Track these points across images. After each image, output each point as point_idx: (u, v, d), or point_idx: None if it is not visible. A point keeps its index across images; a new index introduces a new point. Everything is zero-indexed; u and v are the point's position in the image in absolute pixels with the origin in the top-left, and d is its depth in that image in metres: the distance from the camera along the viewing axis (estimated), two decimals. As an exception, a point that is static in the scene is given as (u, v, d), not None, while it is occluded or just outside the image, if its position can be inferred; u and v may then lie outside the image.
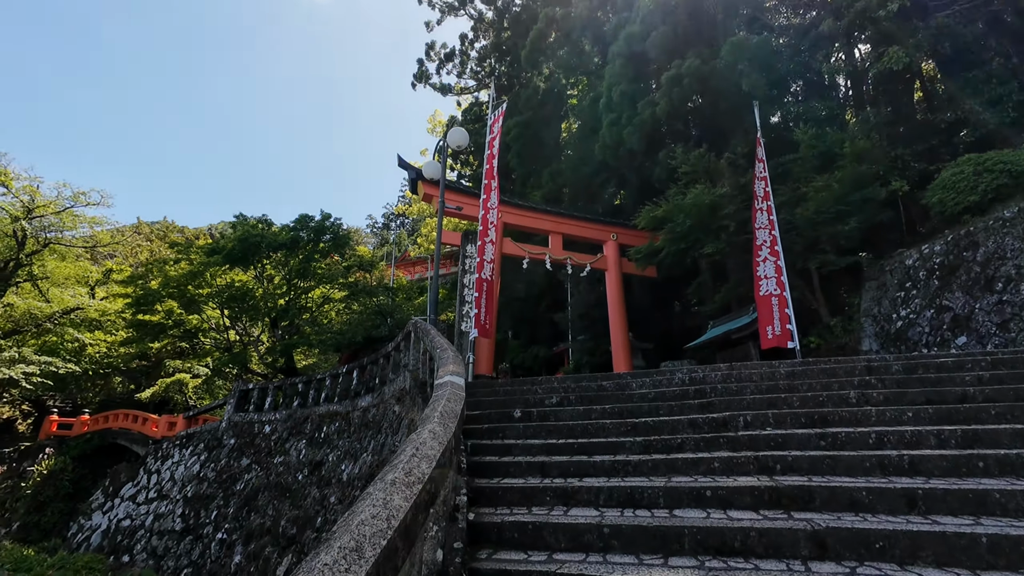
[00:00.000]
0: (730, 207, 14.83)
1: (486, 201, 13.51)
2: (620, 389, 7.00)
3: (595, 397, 6.86)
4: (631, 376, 7.66)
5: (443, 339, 7.46)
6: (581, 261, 19.87)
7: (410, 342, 9.13)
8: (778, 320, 13.48)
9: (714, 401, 6.02)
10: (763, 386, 6.39)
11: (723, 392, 6.40)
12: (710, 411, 5.87)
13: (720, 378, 6.97)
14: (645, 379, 7.21)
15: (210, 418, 16.92)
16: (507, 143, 29.20)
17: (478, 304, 12.31)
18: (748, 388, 6.38)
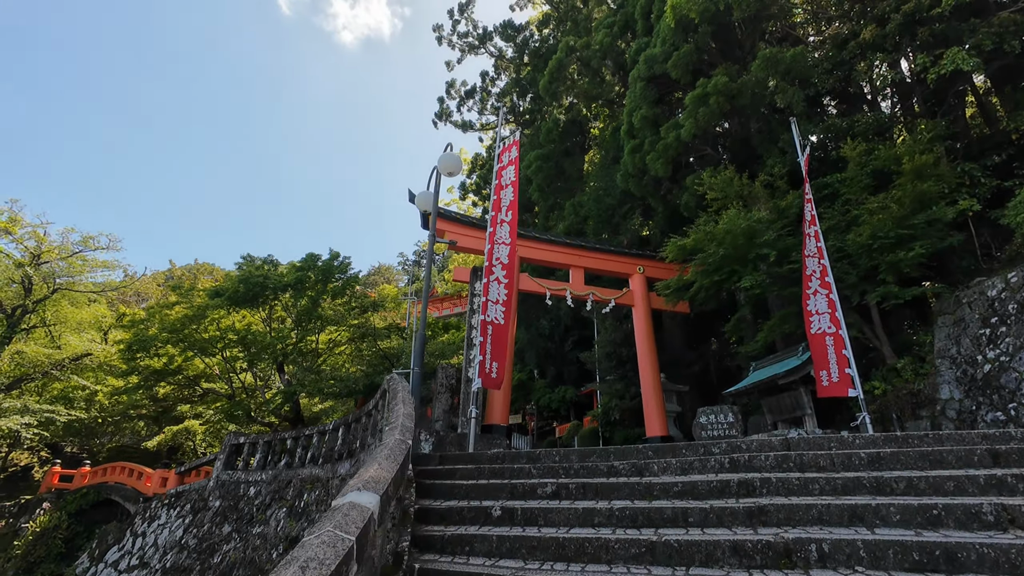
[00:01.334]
0: (769, 233, 12.86)
1: (492, 235, 12.01)
2: (636, 474, 5.20)
3: (602, 488, 5.06)
4: (652, 454, 5.78)
5: (402, 406, 5.86)
6: (605, 296, 18.05)
7: (385, 401, 7.54)
8: (835, 363, 11.28)
9: (767, 506, 4.13)
10: (837, 482, 4.43)
11: (779, 488, 4.50)
12: (762, 523, 4.00)
13: (774, 462, 5.06)
14: (670, 460, 5.37)
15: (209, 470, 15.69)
16: (527, 176, 28.08)
17: (483, 350, 10.66)
18: (816, 483, 4.45)
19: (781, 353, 14.04)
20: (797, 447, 5.12)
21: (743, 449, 5.27)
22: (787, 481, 4.53)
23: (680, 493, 4.74)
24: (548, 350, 30.02)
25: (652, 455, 5.57)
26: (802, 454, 5.01)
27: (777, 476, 4.64)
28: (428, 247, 8.16)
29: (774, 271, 13.23)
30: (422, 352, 7.60)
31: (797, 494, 4.40)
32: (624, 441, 21.05)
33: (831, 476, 4.54)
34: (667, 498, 4.71)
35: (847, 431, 12.47)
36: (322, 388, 14.73)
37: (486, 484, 5.63)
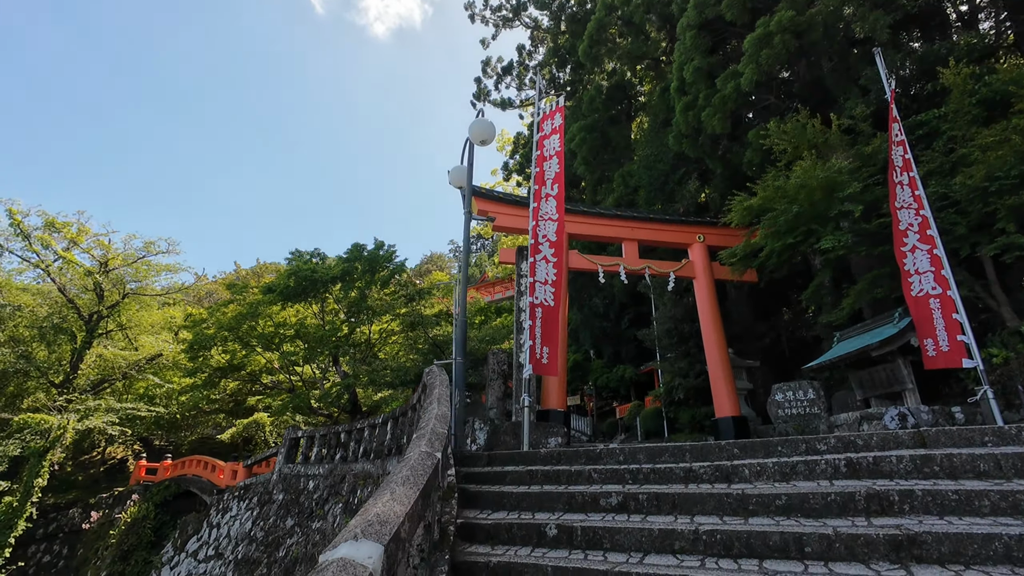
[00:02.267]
0: (853, 185, 11.06)
1: (536, 211, 10.98)
2: (723, 479, 4.16)
3: (680, 499, 4.05)
4: (739, 452, 4.67)
5: (436, 405, 5.05)
6: (662, 270, 16.63)
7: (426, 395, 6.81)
8: (943, 329, 9.54)
9: (920, 535, 2.96)
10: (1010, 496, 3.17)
11: (929, 504, 3.30)
12: (917, 558, 2.87)
13: (910, 465, 3.84)
14: (765, 462, 4.26)
15: (274, 462, 15.93)
16: (571, 150, 26.63)
17: (532, 334, 9.76)
18: (985, 499, 3.19)
19: (871, 321, 12.23)
20: (936, 442, 3.88)
21: (859, 445, 4.08)
22: (939, 495, 3.32)
23: (785, 508, 3.65)
24: (604, 329, 28.74)
25: (739, 453, 4.47)
26: (950, 454, 3.76)
27: (922, 486, 3.44)
28: (464, 225, 7.31)
29: (860, 228, 11.42)
30: (463, 340, 6.80)
31: (958, 513, 3.20)
32: (690, 421, 19.65)
33: (1003, 488, 3.29)
34: (768, 515, 3.64)
35: (958, 408, 10.65)
36: (375, 379, 14.42)
37: (539, 492, 4.75)
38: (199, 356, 16.73)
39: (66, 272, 19.82)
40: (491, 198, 16.14)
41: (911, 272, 9.77)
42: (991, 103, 10.66)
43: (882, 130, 11.95)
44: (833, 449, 4.06)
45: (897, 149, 10.62)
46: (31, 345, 19.40)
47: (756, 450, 4.31)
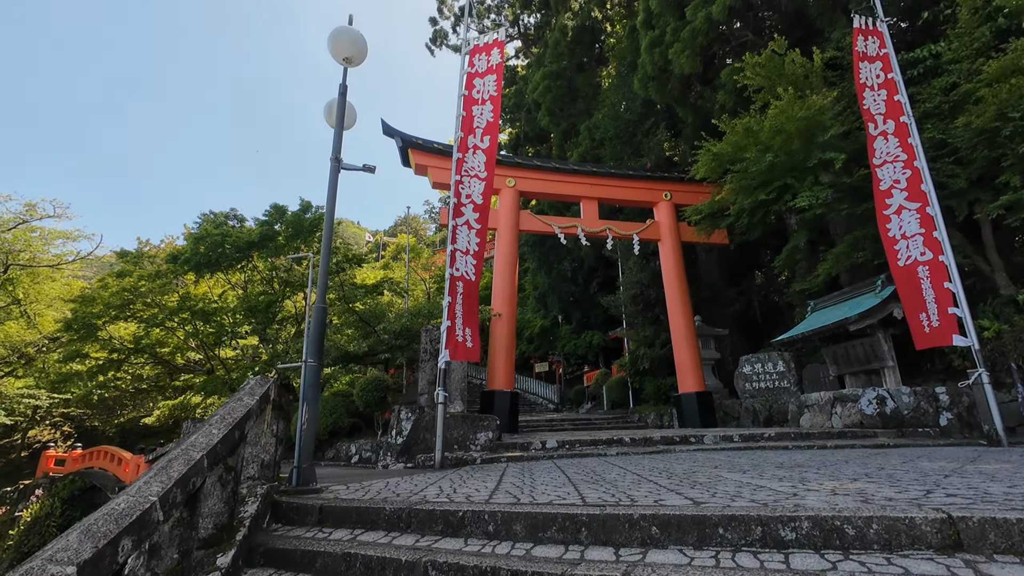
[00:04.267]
0: (835, 128, 9.28)
1: (460, 164, 8.99)
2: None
3: None
4: (662, 533, 2.98)
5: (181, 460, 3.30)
6: (625, 232, 14.87)
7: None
8: (933, 301, 8.02)
9: None
10: None
11: None
12: None
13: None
14: (699, 564, 2.66)
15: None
16: (535, 100, 24.26)
17: (450, 313, 8.01)
18: None
19: (849, 289, 10.74)
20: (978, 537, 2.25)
21: (851, 536, 2.44)
22: None
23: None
24: (572, 294, 27.24)
25: (659, 536, 2.80)
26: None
27: None
28: (330, 180, 5.36)
29: (842, 182, 9.71)
30: (320, 337, 5.00)
31: None
32: (655, 392, 18.44)
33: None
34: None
35: (942, 388, 9.32)
36: (279, 361, 12.59)
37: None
38: (80, 338, 14.48)
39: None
40: (429, 150, 14.02)
41: (896, 238, 8.15)
42: (1001, 33, 8.82)
43: (873, 65, 10.07)
44: (807, 541, 2.40)
45: (877, 94, 8.78)
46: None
47: (686, 530, 2.64)
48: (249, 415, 3.78)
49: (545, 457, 7.62)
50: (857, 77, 8.47)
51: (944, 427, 8.84)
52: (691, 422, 13.56)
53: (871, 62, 8.62)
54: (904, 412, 8.96)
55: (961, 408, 9.07)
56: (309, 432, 4.80)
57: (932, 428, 8.77)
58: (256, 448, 4.13)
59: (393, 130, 13.99)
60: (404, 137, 13.82)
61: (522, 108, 27.01)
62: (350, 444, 10.77)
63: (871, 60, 8.65)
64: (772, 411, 13.03)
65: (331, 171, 5.51)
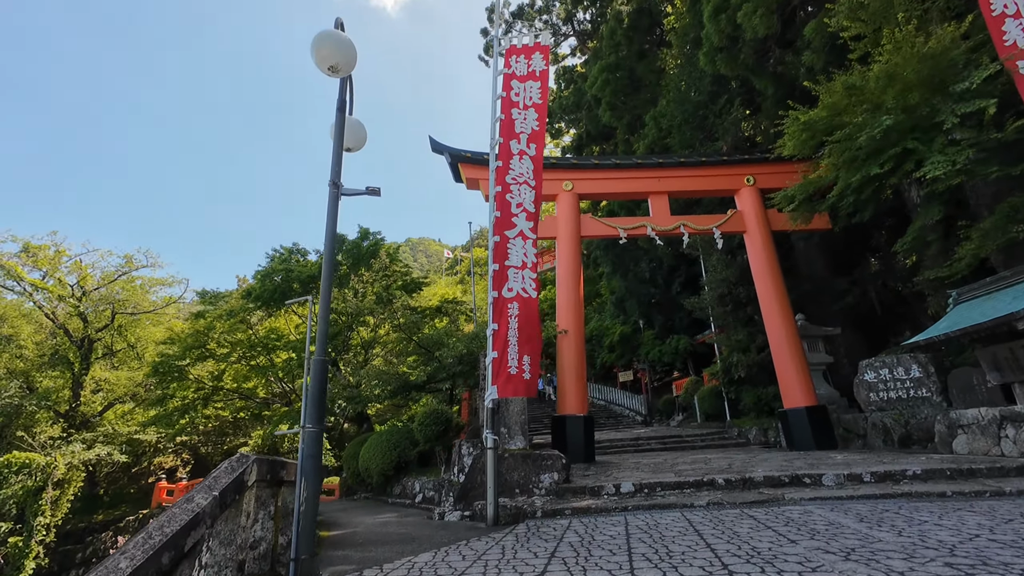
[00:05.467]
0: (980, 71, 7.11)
1: (501, 172, 8.02)
2: None
3: None
4: None
5: None
6: (702, 226, 13.08)
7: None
8: None
9: None
10: None
11: None
12: None
13: None
14: None
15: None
16: (595, 96, 22.86)
17: (497, 342, 7.00)
18: None
19: (1010, 273, 8.26)
20: None
21: None
22: None
23: None
24: (652, 296, 25.25)
25: None
26: None
27: None
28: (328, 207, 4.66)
29: (988, 138, 7.44)
30: (320, 396, 4.18)
31: None
32: (755, 404, 16.15)
33: None
34: None
35: None
36: (362, 392, 12.24)
37: None
38: (171, 379, 15.33)
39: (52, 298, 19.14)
40: (479, 163, 13.21)
41: None
42: None
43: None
44: None
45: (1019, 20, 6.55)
46: (33, 376, 19.18)
47: None
48: (197, 521, 3.00)
49: (618, 508, 6.32)
50: (987, 10, 6.37)
51: None
52: (802, 442, 11.42)
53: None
54: (1116, 437, 6.53)
55: None
56: (309, 513, 3.97)
57: None
58: (231, 549, 3.36)
59: (441, 146, 13.41)
60: (453, 152, 13.18)
61: (582, 107, 25.68)
62: (415, 480, 10.12)
63: None
64: (910, 428, 10.57)
65: (330, 198, 4.74)
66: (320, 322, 4.39)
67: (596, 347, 30.28)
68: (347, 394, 11.30)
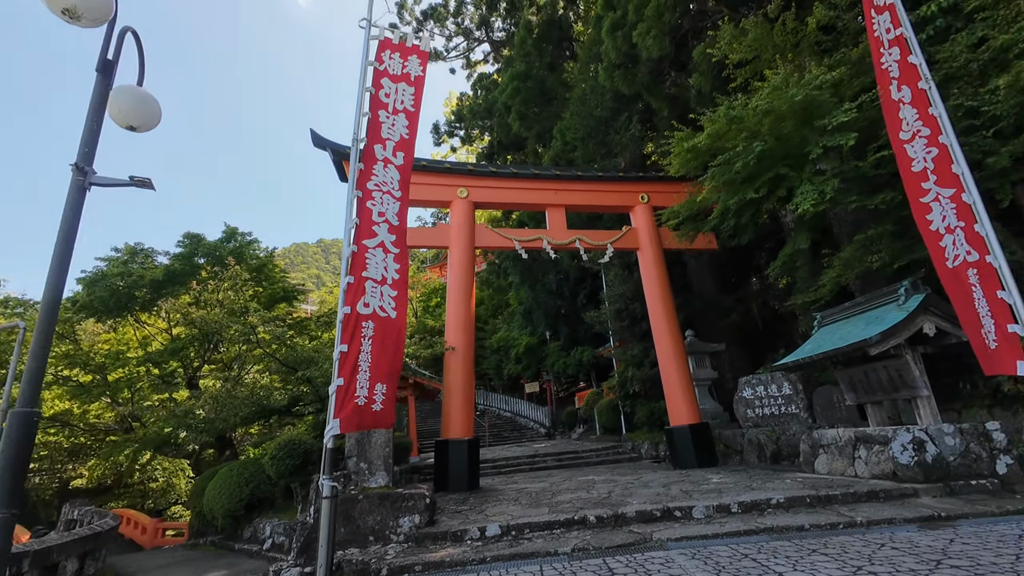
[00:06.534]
0: (843, 108, 7.31)
1: (363, 177, 7.02)
2: None
3: None
4: None
5: None
6: (597, 241, 12.90)
7: None
8: (988, 316, 6.01)
9: None
10: None
11: None
12: None
13: None
14: None
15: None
16: (505, 104, 22.45)
17: (344, 366, 5.98)
18: None
19: (864, 300, 8.68)
20: None
21: None
22: None
23: None
24: (559, 308, 25.23)
25: None
26: None
27: None
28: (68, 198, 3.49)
29: (848, 170, 7.71)
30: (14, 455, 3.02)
31: None
32: (648, 418, 16.35)
33: None
34: None
35: (995, 425, 7.22)
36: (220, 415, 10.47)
37: None
38: None
39: None
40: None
41: (940, 232, 6.17)
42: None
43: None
44: None
45: (891, 51, 6.86)
46: None
47: None
48: None
49: (475, 560, 5.56)
50: (870, 28, 6.53)
51: (1004, 476, 6.76)
52: (686, 460, 11.47)
53: (879, 12, 6.67)
54: (949, 459, 6.88)
55: (1022, 450, 6.99)
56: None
57: (989, 479, 6.69)
58: None
59: (324, 141, 12.10)
60: (336, 148, 11.93)
61: (494, 114, 25.20)
62: (267, 523, 8.72)
63: (879, 11, 6.71)
64: (780, 444, 10.93)
65: (72, 186, 3.54)
66: (31, 359, 3.17)
67: (503, 358, 29.83)
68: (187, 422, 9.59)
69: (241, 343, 10.49)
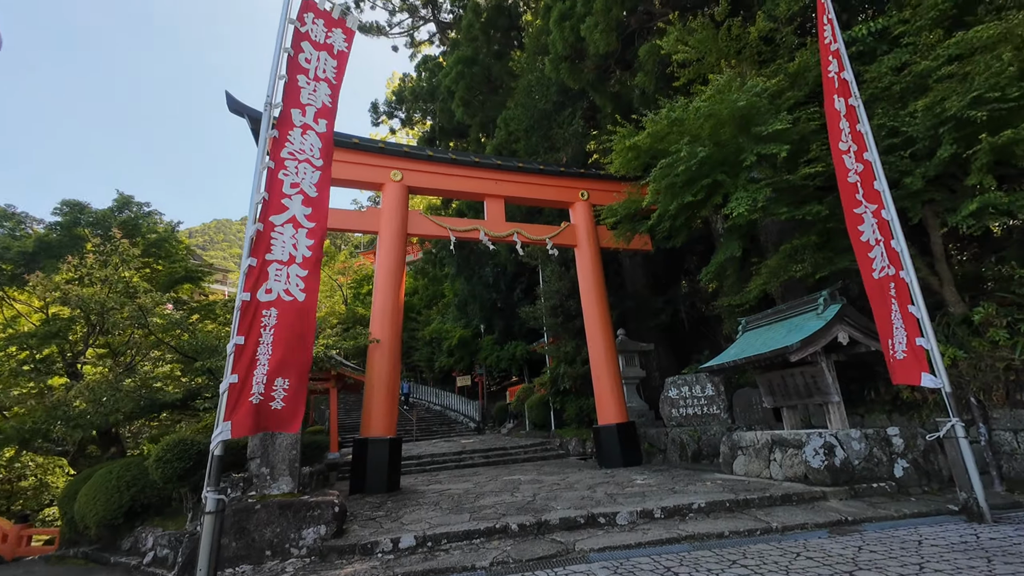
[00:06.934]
0: (780, 118, 7.39)
1: (278, 143, 6.19)
2: None
3: None
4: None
5: None
6: (536, 236, 12.59)
7: None
8: (901, 328, 6.25)
9: None
10: None
11: None
12: None
13: None
14: None
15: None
16: (449, 88, 21.64)
17: (242, 360, 5.23)
18: None
19: (786, 307, 8.97)
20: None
21: None
22: None
23: None
24: (494, 301, 24.84)
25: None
26: None
27: None
28: None
29: (781, 180, 7.85)
30: None
31: None
32: (577, 414, 16.41)
33: None
34: None
35: (895, 430, 7.67)
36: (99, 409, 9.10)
37: None
38: None
39: None
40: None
41: (871, 243, 6.35)
42: (968, 5, 7.26)
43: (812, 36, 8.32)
44: None
45: (831, 63, 7.02)
46: None
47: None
48: None
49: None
50: (821, 36, 6.59)
51: (900, 479, 7.17)
52: (611, 459, 11.50)
53: (829, 23, 6.77)
54: (855, 463, 7.19)
55: (916, 453, 7.45)
56: None
57: (887, 482, 7.05)
58: None
59: (241, 107, 10.86)
60: (253, 115, 10.72)
61: (437, 98, 24.28)
62: (150, 533, 7.67)
63: (830, 21, 6.80)
64: (701, 444, 11.20)
65: None
66: None
67: (436, 350, 29.13)
68: (58, 414, 8.22)
69: (134, 328, 9.16)
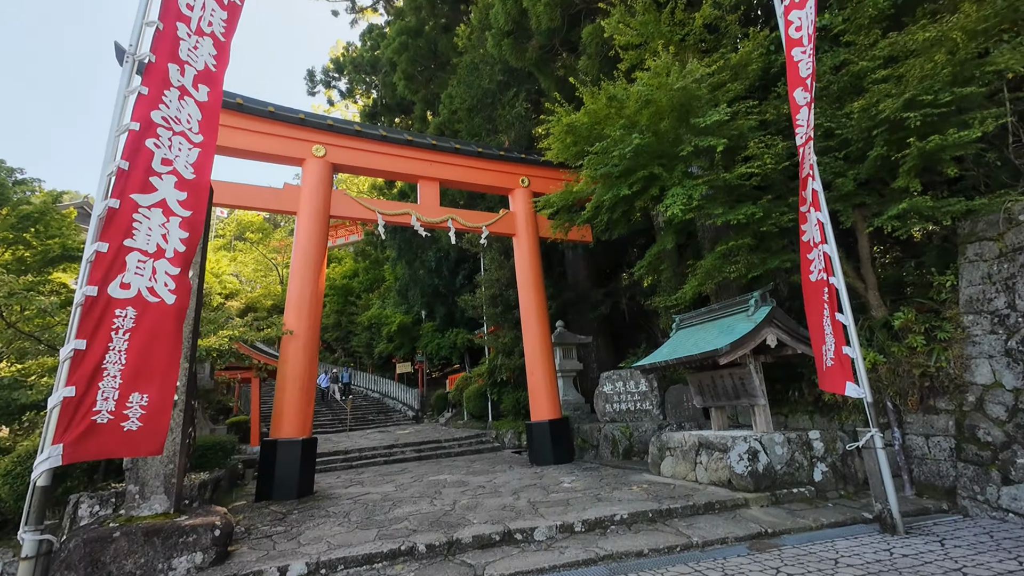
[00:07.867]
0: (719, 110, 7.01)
1: (147, 105, 5.14)
2: None
3: None
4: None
5: None
6: (472, 223, 11.88)
7: None
8: (830, 334, 6.09)
9: None
10: None
11: None
12: None
13: None
14: None
15: None
16: (391, 60, 20.28)
17: (82, 369, 4.28)
18: None
19: (719, 307, 8.80)
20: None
21: None
22: None
23: None
24: (437, 287, 23.98)
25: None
26: None
27: None
28: None
29: (716, 178, 7.52)
30: None
31: None
32: (514, 407, 16.02)
33: None
34: None
35: (816, 434, 7.69)
36: None
37: None
38: None
39: None
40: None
41: (810, 244, 6.13)
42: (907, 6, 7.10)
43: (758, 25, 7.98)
44: None
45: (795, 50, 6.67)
46: None
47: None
48: None
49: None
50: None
51: (819, 483, 7.15)
52: (543, 456, 11.16)
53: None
54: (777, 467, 7.10)
55: (835, 457, 7.47)
56: None
57: (807, 487, 7.02)
58: None
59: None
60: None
61: (379, 70, 22.78)
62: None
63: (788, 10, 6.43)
64: (633, 440, 11.06)
65: None
66: None
67: (375, 336, 27.98)
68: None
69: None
